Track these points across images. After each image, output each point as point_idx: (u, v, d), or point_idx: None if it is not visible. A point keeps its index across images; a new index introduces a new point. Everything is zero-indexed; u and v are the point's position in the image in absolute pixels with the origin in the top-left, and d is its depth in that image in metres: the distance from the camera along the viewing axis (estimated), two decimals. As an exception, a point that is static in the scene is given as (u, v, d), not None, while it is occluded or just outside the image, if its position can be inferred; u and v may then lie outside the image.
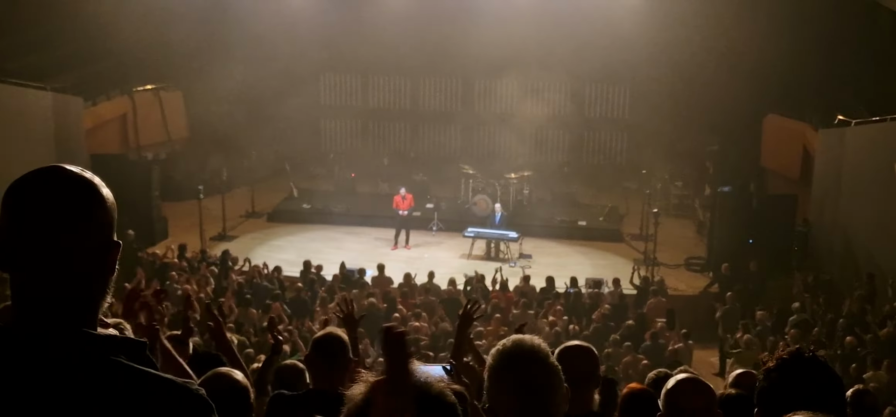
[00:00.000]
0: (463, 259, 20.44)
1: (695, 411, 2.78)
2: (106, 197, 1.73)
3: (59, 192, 1.67)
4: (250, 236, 21.94)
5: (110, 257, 1.73)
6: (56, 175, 1.70)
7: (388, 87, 28.38)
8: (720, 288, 18.03)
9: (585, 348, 3.51)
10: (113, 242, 1.74)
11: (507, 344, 2.60)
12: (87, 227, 1.68)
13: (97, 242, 1.70)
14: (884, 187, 16.90)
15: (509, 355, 2.55)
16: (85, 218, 1.68)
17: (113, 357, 1.64)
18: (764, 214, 19.35)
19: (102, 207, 1.72)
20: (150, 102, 25.13)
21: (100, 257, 1.71)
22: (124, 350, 1.67)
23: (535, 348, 2.56)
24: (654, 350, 14.20)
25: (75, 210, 1.67)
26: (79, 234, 1.67)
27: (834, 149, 19.59)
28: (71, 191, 1.68)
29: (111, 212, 1.74)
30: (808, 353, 2.60)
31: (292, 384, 4.92)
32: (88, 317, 1.70)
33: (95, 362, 1.62)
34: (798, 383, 2.56)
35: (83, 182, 1.71)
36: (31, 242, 1.65)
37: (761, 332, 15.08)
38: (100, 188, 1.73)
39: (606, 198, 25.52)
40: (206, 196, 20.71)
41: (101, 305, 1.74)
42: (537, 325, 15.32)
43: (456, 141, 27.97)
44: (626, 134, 27.31)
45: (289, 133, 24.86)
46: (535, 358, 2.53)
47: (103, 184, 1.75)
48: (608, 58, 24.34)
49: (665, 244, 20.73)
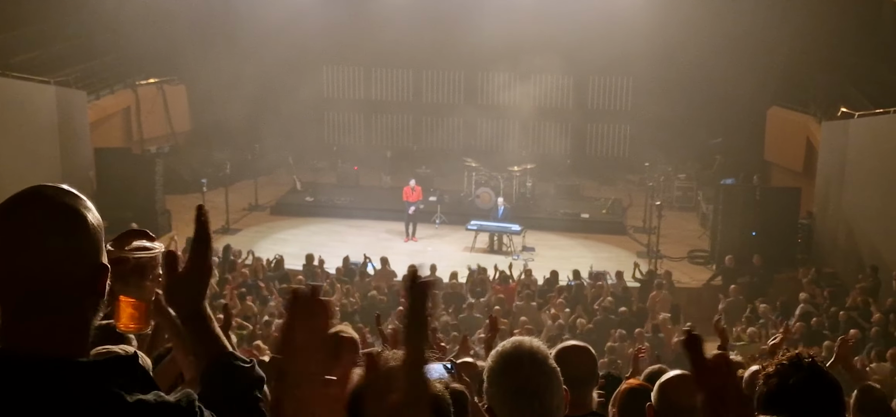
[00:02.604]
0: (466, 252, 20.45)
1: (687, 408, 2.80)
2: (91, 220, 1.69)
3: (43, 218, 1.63)
4: (254, 229, 21.97)
5: (99, 281, 1.70)
6: (39, 200, 1.66)
7: (390, 80, 28.37)
8: (723, 280, 18.04)
9: (584, 348, 3.52)
10: (100, 265, 1.71)
11: (506, 345, 2.61)
12: (73, 253, 1.65)
13: (84, 267, 1.67)
14: (887, 180, 16.89)
15: (508, 357, 2.56)
16: (70, 244, 1.65)
17: (106, 387, 1.60)
18: (767, 207, 19.32)
19: (87, 231, 1.68)
20: (153, 96, 25.17)
21: (88, 282, 1.68)
22: (116, 372, 1.64)
23: (533, 350, 2.56)
24: (655, 343, 14.20)
25: (60, 236, 1.63)
26: (64, 260, 1.63)
27: (837, 142, 19.57)
28: (54, 216, 1.64)
29: (97, 234, 1.71)
30: (807, 359, 2.61)
31: None
32: (77, 345, 1.66)
33: (87, 393, 1.59)
34: (797, 389, 2.58)
35: (65, 207, 1.67)
36: (14, 270, 1.61)
37: (764, 325, 15.10)
38: (84, 211, 1.69)
39: (609, 191, 25.51)
40: (210, 189, 20.71)
41: (91, 329, 1.71)
42: (539, 318, 15.37)
43: (459, 134, 27.95)
44: (630, 126, 27.27)
45: (292, 126, 24.87)
46: (534, 361, 2.54)
47: (88, 205, 1.71)
48: (611, 50, 24.29)
49: (668, 237, 20.72)
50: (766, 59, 23.76)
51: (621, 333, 14.57)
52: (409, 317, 1.75)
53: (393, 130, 28.70)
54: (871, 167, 17.90)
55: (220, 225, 21.08)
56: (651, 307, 16.21)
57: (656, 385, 2.98)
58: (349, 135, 28.71)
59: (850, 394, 9.40)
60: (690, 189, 24.72)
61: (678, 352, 13.89)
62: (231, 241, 19.35)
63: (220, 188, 21.67)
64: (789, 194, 20.08)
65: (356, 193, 24.54)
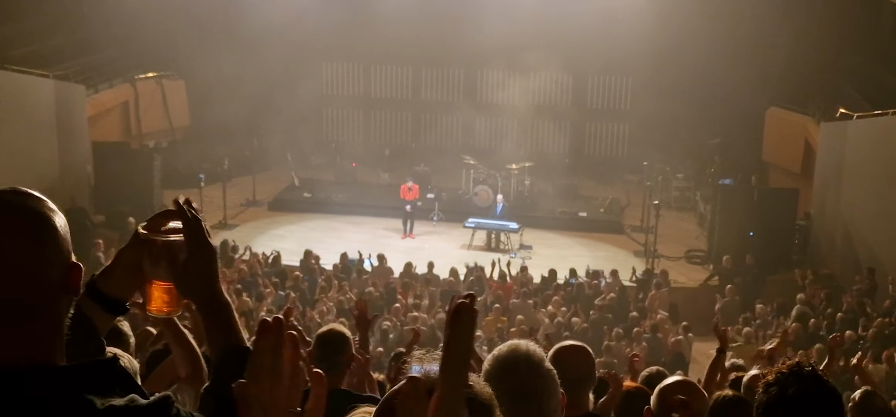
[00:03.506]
0: (463, 249, 20.47)
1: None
2: (56, 221, 1.63)
3: (4, 227, 1.57)
4: (252, 225, 21.98)
5: (70, 279, 1.64)
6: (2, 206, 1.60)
7: (389, 77, 28.37)
8: (720, 280, 18.06)
9: (581, 348, 3.51)
10: (71, 264, 1.65)
11: (502, 349, 2.60)
12: (38, 258, 1.59)
13: (51, 271, 1.61)
14: (885, 181, 16.92)
15: (504, 361, 2.55)
16: (34, 250, 1.59)
17: (79, 393, 1.55)
18: (765, 207, 19.33)
19: (52, 233, 1.62)
20: (152, 90, 25.15)
21: (57, 284, 1.62)
22: (91, 377, 1.59)
23: (529, 354, 2.56)
24: (653, 343, 14.22)
25: (23, 242, 1.58)
26: (29, 267, 1.58)
27: (836, 143, 19.59)
28: (15, 223, 1.58)
29: (63, 235, 1.64)
30: (807, 368, 2.62)
31: None
32: (49, 350, 1.61)
33: (58, 400, 1.54)
34: (797, 398, 2.58)
35: (26, 210, 1.61)
36: None
37: (761, 325, 15.12)
38: (48, 212, 1.63)
39: (607, 190, 25.55)
40: (208, 184, 20.74)
41: (64, 328, 1.66)
42: (536, 317, 15.38)
43: (457, 131, 27.96)
44: (628, 126, 27.30)
45: (290, 122, 24.86)
46: (530, 364, 2.54)
47: (51, 207, 1.65)
48: (610, 49, 24.33)
49: (666, 236, 20.75)
50: (765, 60, 23.76)
51: (618, 332, 14.58)
52: (451, 350, 1.74)
53: (391, 127, 28.70)
54: (869, 168, 17.92)
55: (217, 220, 21.08)
56: (650, 306, 16.23)
57: (656, 391, 2.99)
58: (347, 132, 28.72)
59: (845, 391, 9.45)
60: (688, 189, 24.75)
61: (675, 352, 13.94)
62: (228, 237, 19.34)
63: (218, 183, 21.67)
64: (787, 195, 20.10)
65: (354, 190, 24.56)
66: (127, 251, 1.99)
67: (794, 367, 2.62)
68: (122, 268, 1.98)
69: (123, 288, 2.00)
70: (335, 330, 4.40)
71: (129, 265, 1.97)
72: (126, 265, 1.98)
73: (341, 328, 4.46)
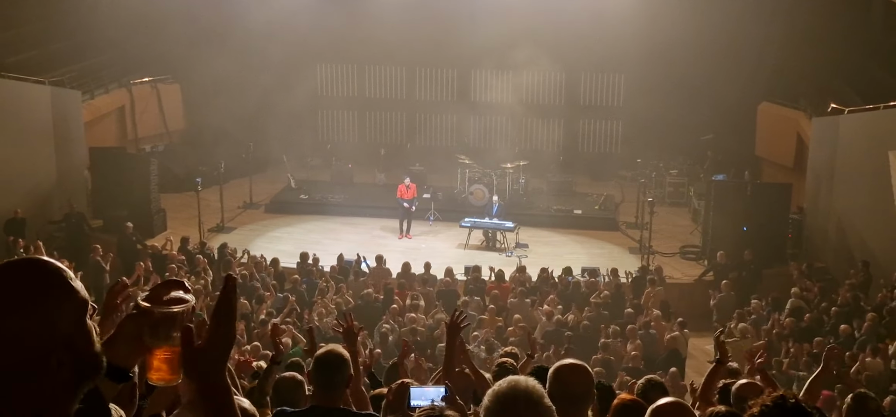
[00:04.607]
0: (459, 249, 20.56)
1: None
2: (70, 287, 1.69)
3: (10, 296, 1.63)
4: (249, 228, 22.03)
5: (75, 342, 1.70)
6: (7, 273, 1.66)
7: (384, 78, 28.43)
8: (715, 276, 18.16)
9: (580, 366, 3.57)
10: (71, 333, 1.69)
11: (502, 385, 2.62)
12: (37, 326, 1.64)
13: (49, 338, 1.65)
14: (877, 175, 17.04)
15: (504, 397, 2.58)
16: (32, 319, 1.64)
17: None
18: (758, 202, 19.43)
19: (58, 301, 1.68)
20: (147, 95, 25.22)
21: (55, 350, 1.66)
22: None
23: (529, 390, 2.59)
24: (647, 340, 14.33)
25: (23, 310, 1.63)
26: (27, 336, 1.63)
27: (828, 138, 19.73)
28: (23, 290, 1.64)
29: (72, 301, 1.70)
30: (791, 400, 2.61)
31: (292, 398, 5.05)
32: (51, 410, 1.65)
33: None
34: None
35: (36, 281, 1.66)
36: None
37: (756, 321, 15.23)
38: (62, 279, 1.68)
39: (602, 187, 25.63)
40: (204, 187, 20.78)
41: (68, 388, 1.71)
42: (533, 315, 15.48)
43: (452, 131, 28.05)
44: (621, 123, 27.42)
45: (286, 124, 24.93)
46: (529, 401, 2.57)
47: (65, 274, 1.70)
48: (603, 47, 24.46)
49: (660, 232, 20.85)
50: (757, 56, 23.91)
51: (615, 329, 14.68)
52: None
53: (387, 128, 28.78)
54: (861, 163, 18.06)
55: (215, 223, 21.16)
56: (645, 303, 16.32)
57: (649, 411, 3.06)
58: (343, 133, 28.78)
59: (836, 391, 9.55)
60: (682, 185, 24.86)
61: (671, 349, 14.06)
62: (226, 240, 19.41)
63: (215, 186, 21.71)
64: (780, 189, 20.21)
65: (350, 191, 24.61)
66: (128, 322, 2.04)
67: (778, 400, 2.61)
68: (124, 339, 2.02)
69: (126, 357, 2.04)
70: (333, 351, 4.49)
71: (131, 336, 2.01)
72: (128, 336, 2.02)
73: (339, 349, 4.55)
